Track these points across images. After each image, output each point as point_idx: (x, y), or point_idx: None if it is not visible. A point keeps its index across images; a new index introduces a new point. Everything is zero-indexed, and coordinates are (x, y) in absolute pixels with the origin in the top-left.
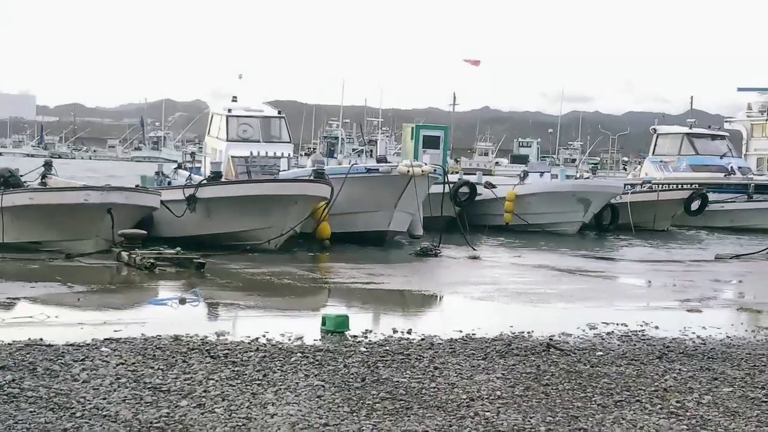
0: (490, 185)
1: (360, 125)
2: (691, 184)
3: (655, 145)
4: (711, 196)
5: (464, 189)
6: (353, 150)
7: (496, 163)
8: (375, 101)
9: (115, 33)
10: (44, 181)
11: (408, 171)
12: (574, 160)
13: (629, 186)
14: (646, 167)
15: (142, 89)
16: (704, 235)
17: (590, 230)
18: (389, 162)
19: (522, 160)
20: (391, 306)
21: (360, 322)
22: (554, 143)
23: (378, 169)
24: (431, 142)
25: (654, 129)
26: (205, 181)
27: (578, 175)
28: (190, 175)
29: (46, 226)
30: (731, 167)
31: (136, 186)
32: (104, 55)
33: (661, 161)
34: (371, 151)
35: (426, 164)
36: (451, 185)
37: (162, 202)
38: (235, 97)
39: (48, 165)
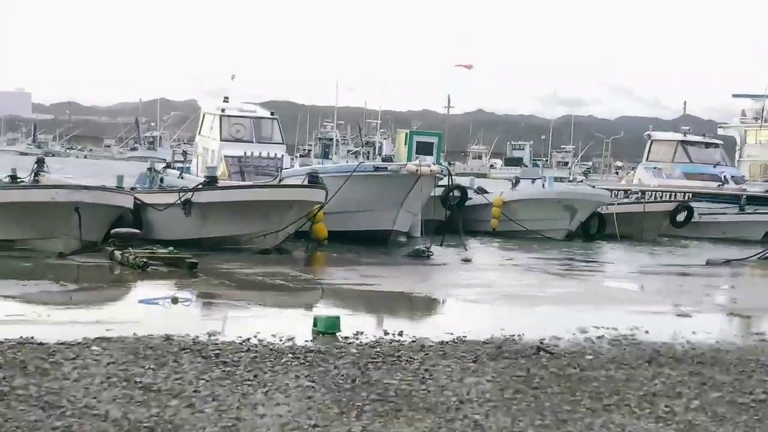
0: (482, 190)
1: (359, 126)
2: (683, 194)
3: (649, 151)
4: (703, 206)
5: (455, 193)
6: (348, 151)
7: (491, 166)
8: (373, 102)
9: (111, 30)
10: (37, 178)
11: (417, 170)
12: (566, 164)
13: (617, 192)
14: (640, 173)
15: (138, 88)
16: (695, 243)
17: (577, 239)
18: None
19: (516, 162)
20: (382, 307)
21: (351, 323)
22: (547, 147)
23: (386, 168)
24: (425, 148)
25: (648, 135)
26: (200, 186)
27: (571, 178)
28: (180, 174)
29: (15, 225)
30: (724, 176)
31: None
32: (100, 53)
33: (654, 168)
34: (368, 152)
35: (434, 164)
36: (443, 189)
37: (153, 204)
38: (226, 97)
39: (40, 162)
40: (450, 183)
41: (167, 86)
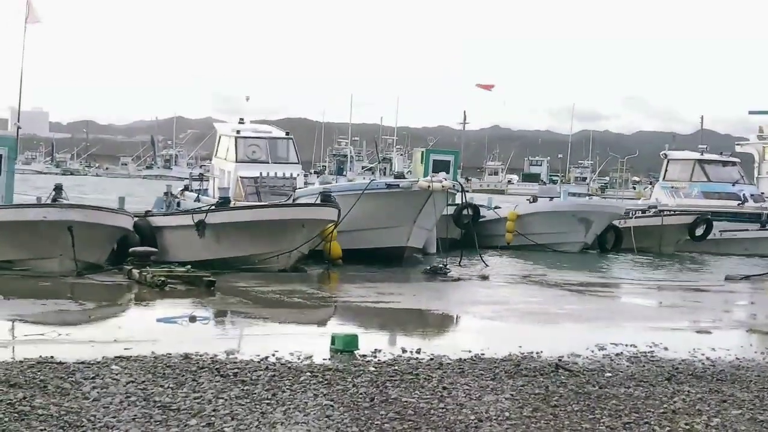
0: (497, 208)
1: (375, 143)
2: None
3: (666, 170)
4: (723, 225)
5: (468, 211)
6: (363, 168)
7: (509, 181)
8: (389, 119)
9: (127, 49)
10: None
11: (429, 186)
12: (584, 179)
13: (632, 210)
14: (657, 193)
15: (154, 106)
16: (714, 258)
17: (593, 253)
18: (407, 178)
19: (533, 178)
20: (400, 325)
21: (369, 341)
22: (564, 163)
23: (399, 185)
24: (441, 167)
25: (665, 154)
26: (213, 207)
27: (589, 192)
28: (198, 197)
29: (11, 245)
30: (744, 195)
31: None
32: (117, 72)
33: (672, 187)
34: (385, 168)
35: (445, 179)
36: (455, 207)
37: (167, 226)
38: (241, 119)
39: (58, 189)
40: (464, 200)
41: (183, 104)
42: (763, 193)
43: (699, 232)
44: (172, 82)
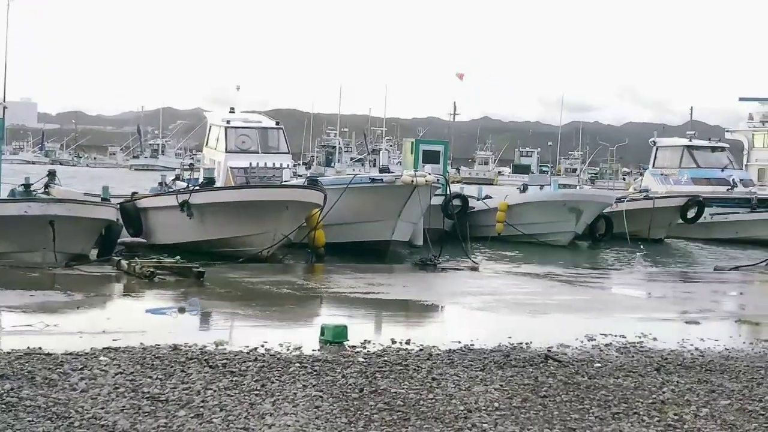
0: (488, 198)
1: (364, 134)
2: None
3: (655, 157)
4: (714, 210)
5: (456, 201)
6: (351, 159)
7: (499, 173)
8: (378, 110)
9: (117, 40)
10: (47, 190)
11: (412, 181)
12: (575, 170)
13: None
14: (647, 180)
15: (143, 97)
16: (701, 246)
17: (584, 241)
18: (392, 172)
19: (524, 169)
20: (390, 316)
21: (359, 332)
22: (554, 153)
23: (382, 179)
24: (431, 157)
25: (653, 141)
26: (197, 187)
27: (580, 184)
28: (188, 185)
29: None
30: (733, 180)
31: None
32: (106, 63)
33: (661, 174)
34: (375, 160)
35: (429, 174)
36: (443, 198)
37: (152, 207)
38: (232, 108)
39: (52, 174)
40: (448, 192)
41: (173, 95)
42: (751, 179)
43: (691, 214)
44: (161, 73)
